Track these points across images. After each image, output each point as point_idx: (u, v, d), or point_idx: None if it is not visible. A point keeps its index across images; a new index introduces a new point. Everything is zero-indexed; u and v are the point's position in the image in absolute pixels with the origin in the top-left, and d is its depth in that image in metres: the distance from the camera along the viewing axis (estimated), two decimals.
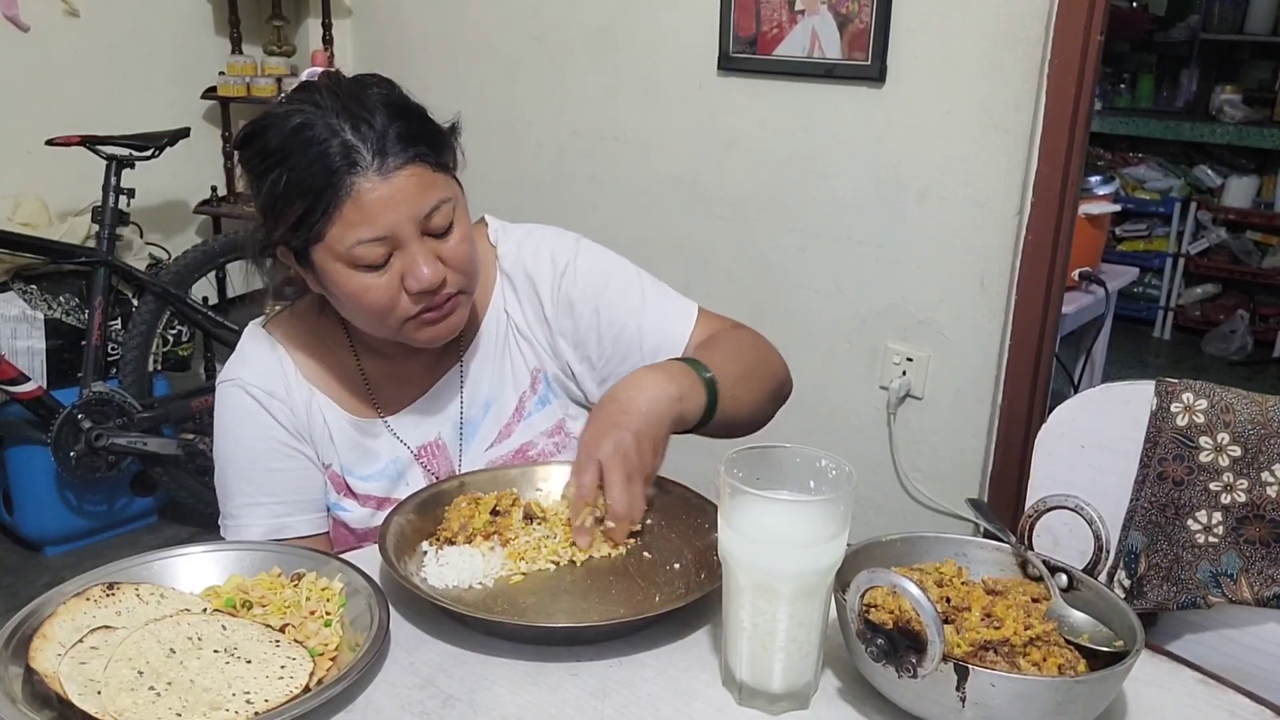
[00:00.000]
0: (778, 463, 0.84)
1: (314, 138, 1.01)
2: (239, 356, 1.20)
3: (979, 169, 2.18)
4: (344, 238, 1.02)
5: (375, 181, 1.01)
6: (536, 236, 1.25)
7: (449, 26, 3.05)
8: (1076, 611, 0.84)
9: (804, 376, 2.48)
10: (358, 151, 1.01)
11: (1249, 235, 4.91)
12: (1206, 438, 1.16)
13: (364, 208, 1.01)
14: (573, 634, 0.89)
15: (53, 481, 2.67)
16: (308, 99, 1.05)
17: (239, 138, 1.09)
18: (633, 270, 1.26)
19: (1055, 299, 2.19)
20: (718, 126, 2.55)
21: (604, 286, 1.22)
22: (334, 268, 1.05)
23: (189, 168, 3.13)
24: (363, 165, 1.01)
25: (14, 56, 2.76)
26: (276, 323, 1.22)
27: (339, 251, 1.03)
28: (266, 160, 1.04)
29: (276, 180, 1.03)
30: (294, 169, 1.02)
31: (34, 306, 2.60)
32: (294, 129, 1.03)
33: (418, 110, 1.09)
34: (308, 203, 1.02)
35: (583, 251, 1.24)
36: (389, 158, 1.02)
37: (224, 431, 1.19)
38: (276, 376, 1.17)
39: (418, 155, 1.04)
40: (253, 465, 1.17)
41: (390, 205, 1.02)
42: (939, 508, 2.39)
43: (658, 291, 1.25)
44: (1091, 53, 2.02)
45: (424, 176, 1.04)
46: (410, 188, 1.03)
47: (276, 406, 1.16)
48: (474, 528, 1.01)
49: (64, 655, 0.79)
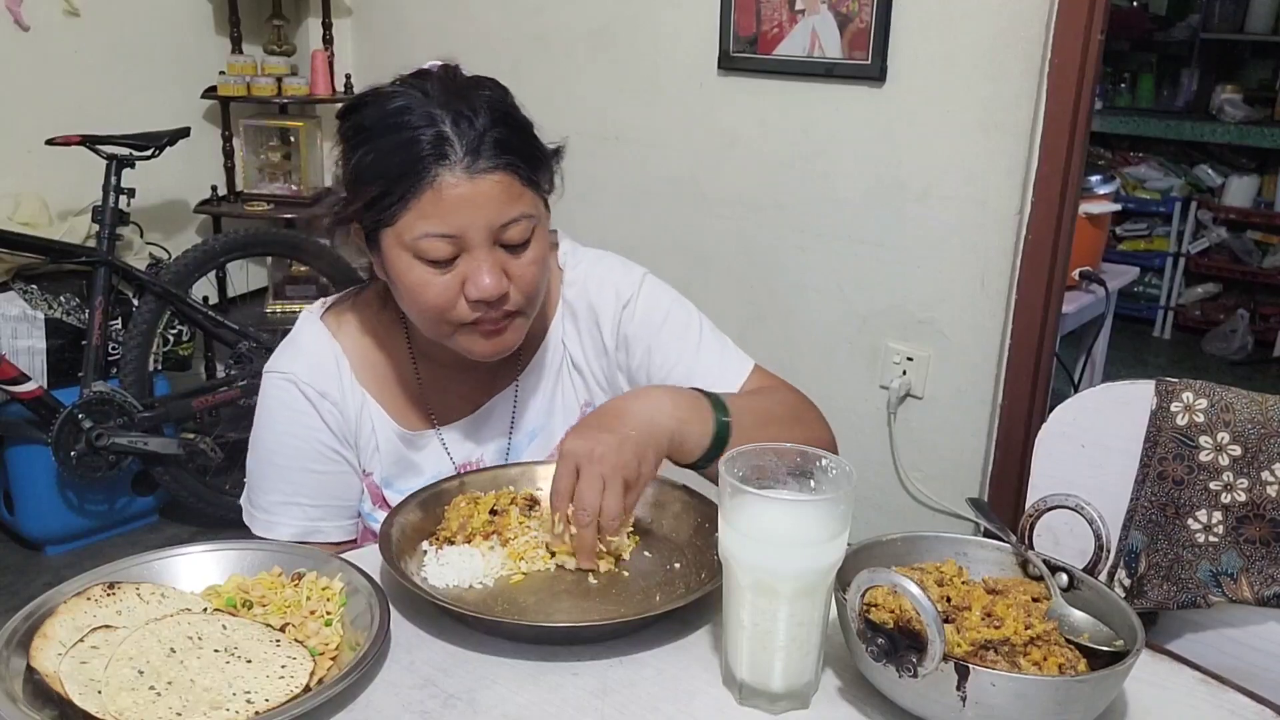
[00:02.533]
0: (778, 462, 0.84)
1: (409, 122, 1.00)
2: (294, 346, 1.15)
3: (979, 168, 2.18)
4: (414, 227, 1.00)
5: (459, 178, 0.99)
6: (603, 267, 1.23)
7: (449, 26, 3.05)
8: (1077, 611, 0.84)
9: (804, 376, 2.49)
10: (450, 145, 0.99)
11: (1249, 235, 4.90)
12: (1206, 437, 1.16)
13: (440, 201, 0.99)
14: (573, 633, 0.89)
15: (53, 481, 2.67)
16: (416, 84, 1.03)
17: (342, 108, 1.08)
18: (693, 314, 1.23)
19: (1055, 298, 2.19)
20: (718, 126, 2.55)
21: (660, 326, 1.19)
22: (398, 255, 1.03)
23: (189, 167, 3.13)
24: (451, 159, 0.99)
25: (14, 56, 2.76)
26: (336, 314, 1.18)
27: (406, 240, 1.01)
28: (360, 134, 1.03)
29: (364, 156, 1.02)
30: (382, 149, 1.01)
31: (34, 306, 2.60)
32: (393, 110, 1.01)
33: (524, 122, 1.07)
34: (387, 184, 1.00)
35: (646, 288, 1.21)
36: (480, 159, 0.99)
37: (268, 424, 1.14)
38: (331, 376, 1.13)
39: (510, 164, 1.01)
40: (293, 464, 1.13)
41: (468, 205, 0.99)
42: (939, 507, 2.39)
43: (715, 340, 1.22)
44: (1092, 52, 2.02)
45: (511, 187, 1.02)
46: (494, 193, 1.00)
47: (327, 408, 1.13)
48: (473, 527, 1.01)
49: (65, 654, 0.79)
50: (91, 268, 2.62)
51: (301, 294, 3.18)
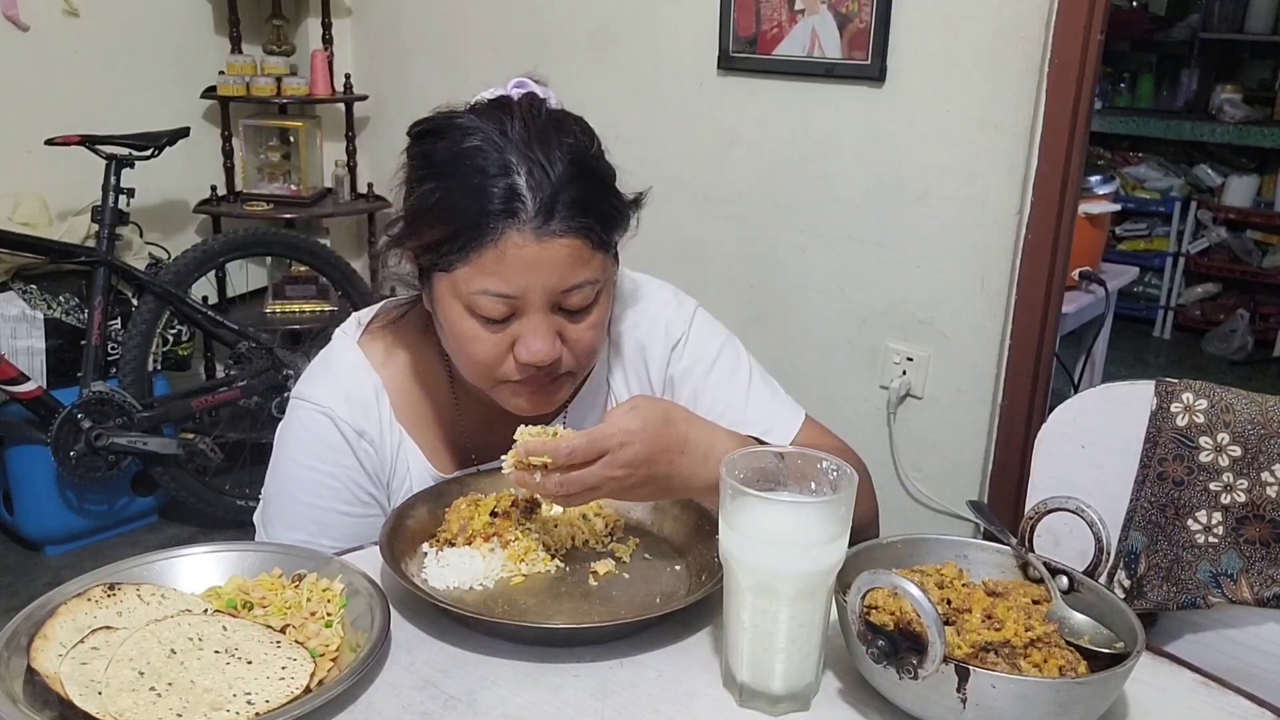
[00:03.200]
0: (778, 463, 0.84)
1: (483, 168, 0.94)
2: (331, 376, 1.09)
3: (979, 168, 2.18)
4: (471, 281, 0.95)
5: (527, 239, 0.93)
6: (655, 304, 1.18)
7: (449, 25, 3.05)
8: (1077, 613, 0.84)
9: (804, 376, 2.50)
10: (522, 202, 0.93)
11: (1249, 234, 4.91)
12: (1206, 438, 1.16)
13: (504, 261, 0.93)
14: (573, 635, 0.89)
15: (53, 481, 2.67)
16: (495, 122, 0.97)
17: (414, 128, 1.02)
18: (743, 357, 1.18)
19: (1055, 298, 2.19)
20: (718, 126, 2.55)
21: (709, 370, 1.16)
22: (450, 304, 0.98)
23: (189, 167, 3.13)
24: (522, 218, 0.93)
25: (14, 56, 2.76)
26: (376, 340, 1.11)
27: (461, 291, 0.96)
28: (428, 167, 0.98)
29: (429, 193, 0.97)
30: (451, 191, 0.95)
31: (34, 306, 2.60)
32: (467, 150, 0.95)
33: (606, 174, 1.02)
34: (449, 230, 0.95)
35: (696, 327, 1.17)
36: (552, 221, 0.94)
37: (297, 457, 1.07)
38: (370, 413, 1.07)
39: (583, 227, 0.95)
40: (321, 504, 1.07)
41: (531, 269, 0.94)
42: (939, 507, 2.40)
43: (765, 387, 1.17)
44: (1091, 52, 2.02)
45: (580, 252, 0.96)
46: (560, 259, 0.95)
47: (364, 449, 1.07)
48: (474, 529, 1.01)
49: (65, 655, 0.79)
50: (91, 268, 2.62)
51: (301, 294, 3.18)
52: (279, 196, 3.20)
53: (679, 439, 0.94)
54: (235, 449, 2.87)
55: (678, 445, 0.94)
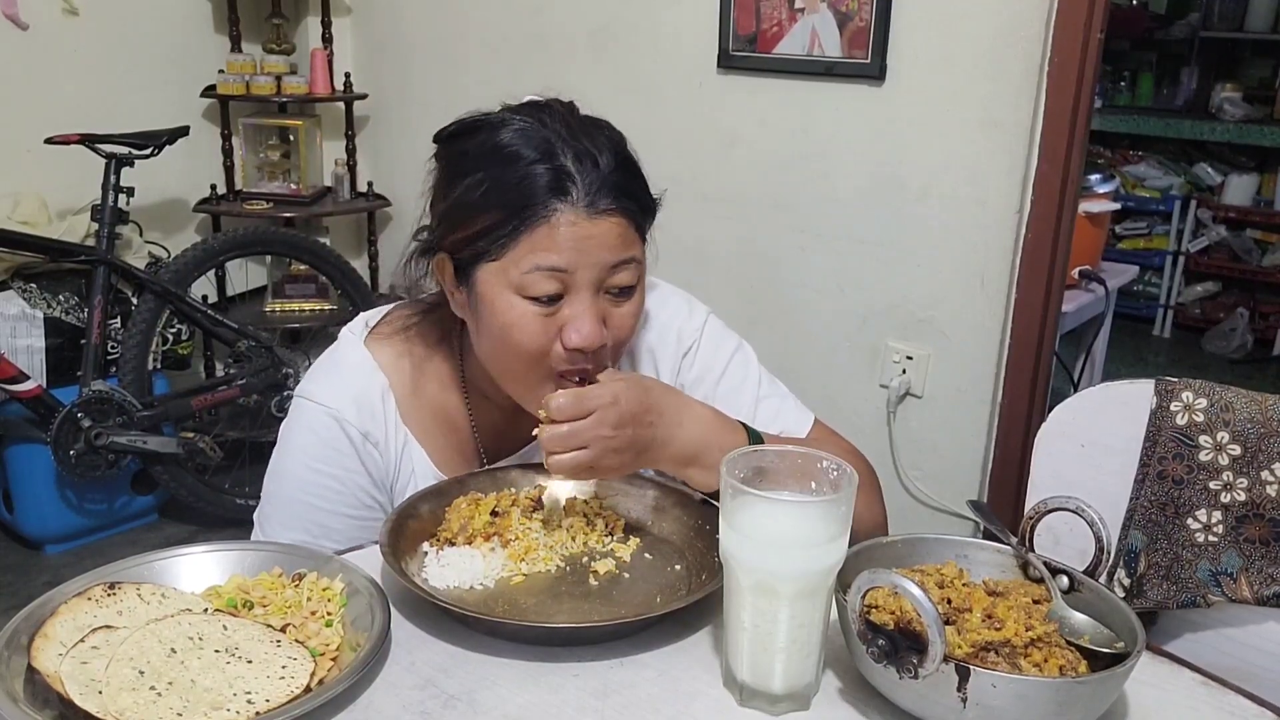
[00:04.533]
0: (779, 463, 0.84)
1: (527, 155, 0.96)
2: (337, 374, 1.09)
3: (979, 167, 2.18)
4: (523, 261, 0.96)
5: (579, 216, 0.96)
6: (667, 310, 1.19)
7: (449, 24, 3.05)
8: (1077, 613, 0.84)
9: (804, 376, 2.50)
10: (572, 181, 0.96)
11: (1249, 233, 4.91)
12: (1206, 436, 1.16)
13: (557, 236, 0.95)
14: (574, 634, 0.89)
15: (53, 480, 2.67)
16: (533, 114, 1.00)
17: (443, 131, 1.03)
18: (752, 364, 1.20)
19: (1055, 297, 2.19)
20: (718, 125, 2.55)
21: (719, 378, 1.17)
22: (498, 293, 0.99)
23: (188, 166, 3.13)
24: (573, 198, 0.96)
25: (13, 55, 2.76)
26: (384, 341, 1.11)
27: (511, 275, 0.97)
28: (469, 161, 0.99)
29: (474, 185, 0.98)
30: (498, 179, 0.96)
31: (33, 305, 2.60)
32: (508, 139, 0.98)
33: (639, 168, 1.05)
34: (500, 215, 0.96)
35: (707, 334, 1.19)
36: (601, 199, 0.97)
37: (300, 457, 1.07)
38: (377, 416, 1.07)
39: (627, 209, 0.99)
40: (324, 505, 1.07)
41: (584, 244, 0.96)
42: (939, 506, 2.40)
43: (774, 393, 1.19)
44: (1091, 51, 2.02)
45: (626, 232, 0.99)
46: (610, 235, 0.98)
47: (369, 452, 1.07)
48: (474, 528, 1.01)
49: (65, 654, 0.79)
50: (91, 266, 2.62)
51: (301, 293, 3.18)
52: (279, 195, 3.20)
53: (656, 402, 0.99)
54: (235, 448, 2.87)
55: (656, 408, 0.99)
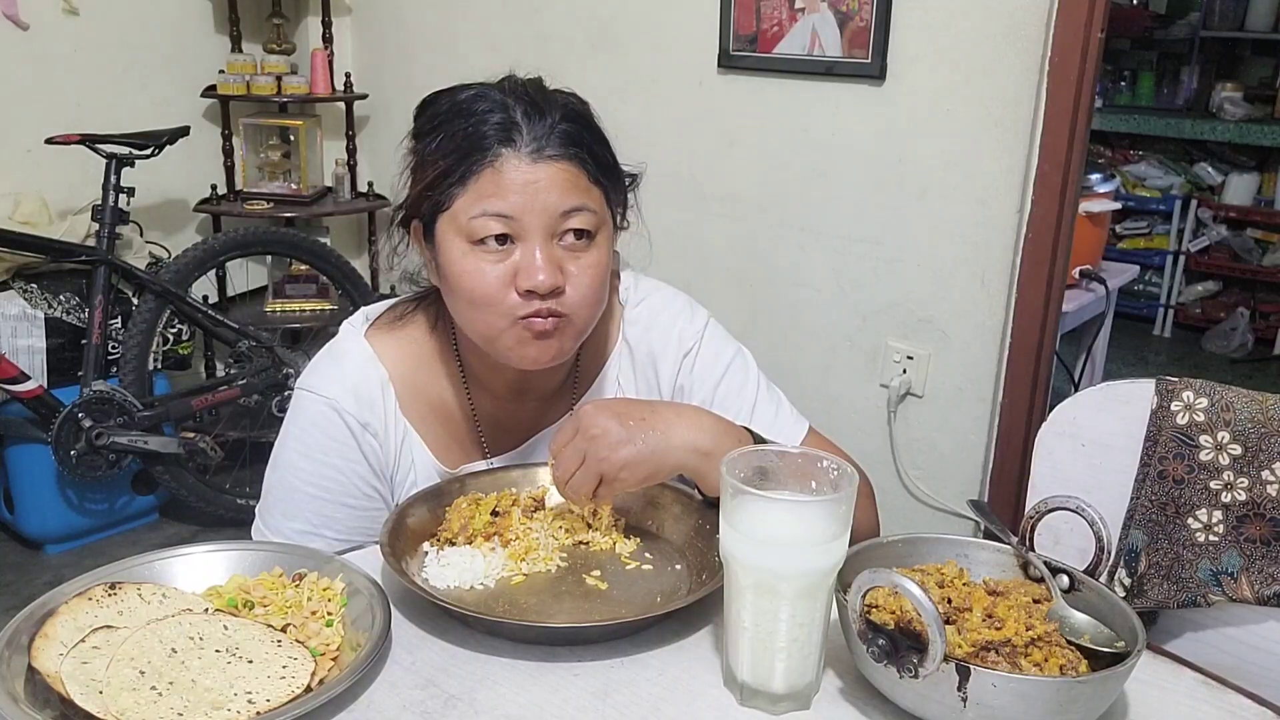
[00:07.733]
0: (779, 463, 0.84)
1: (479, 110, 1.00)
2: (337, 366, 1.09)
3: (979, 166, 2.18)
4: (472, 207, 0.99)
5: (523, 161, 0.98)
6: (668, 313, 1.20)
7: (449, 25, 3.05)
8: (1078, 612, 0.84)
9: (804, 375, 2.50)
10: (518, 130, 0.99)
11: (1249, 233, 4.91)
12: (1207, 436, 1.16)
13: (501, 181, 0.98)
14: (574, 634, 0.89)
15: (53, 480, 2.67)
16: (494, 83, 1.04)
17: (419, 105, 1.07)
18: (751, 370, 1.21)
19: (1056, 297, 2.19)
20: (718, 124, 2.55)
21: (718, 382, 1.18)
22: (453, 243, 1.01)
23: (189, 166, 3.13)
24: (517, 144, 0.98)
25: (14, 55, 2.76)
26: (384, 333, 1.13)
27: (461, 222, 0.99)
28: (432, 123, 1.03)
29: (431, 140, 1.02)
30: (450, 133, 1.00)
31: (34, 305, 2.60)
32: (467, 99, 1.02)
33: (599, 130, 1.06)
34: (449, 163, 0.99)
35: (708, 338, 1.19)
36: (548, 146, 0.99)
37: (300, 448, 1.08)
38: (376, 407, 1.08)
39: (576, 155, 1.00)
40: (323, 495, 1.08)
41: (528, 189, 0.98)
42: (939, 505, 2.40)
43: (770, 400, 1.19)
44: (1092, 50, 2.02)
45: (577, 179, 1.00)
46: (556, 180, 0.99)
47: (369, 442, 1.08)
48: (475, 528, 1.01)
49: (66, 654, 0.79)
50: (91, 267, 2.62)
51: (301, 293, 3.18)
52: (279, 195, 3.20)
53: (643, 403, 1.02)
54: (235, 448, 2.87)
55: (645, 406, 1.01)
